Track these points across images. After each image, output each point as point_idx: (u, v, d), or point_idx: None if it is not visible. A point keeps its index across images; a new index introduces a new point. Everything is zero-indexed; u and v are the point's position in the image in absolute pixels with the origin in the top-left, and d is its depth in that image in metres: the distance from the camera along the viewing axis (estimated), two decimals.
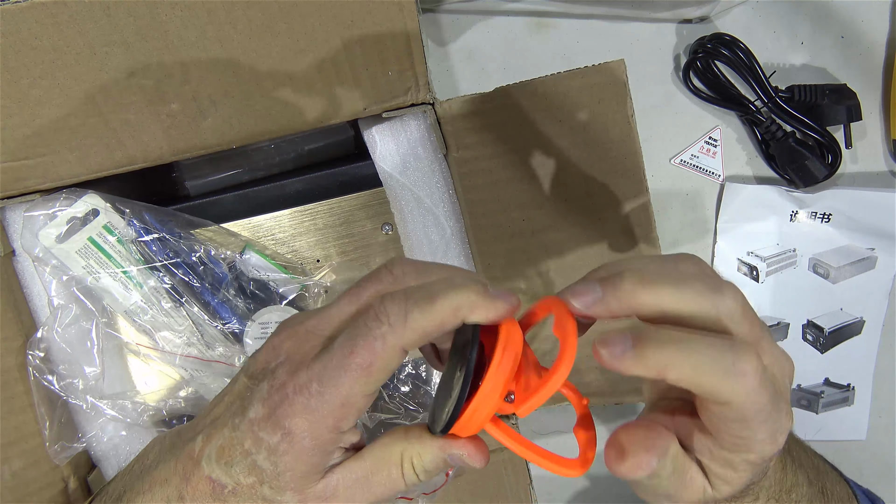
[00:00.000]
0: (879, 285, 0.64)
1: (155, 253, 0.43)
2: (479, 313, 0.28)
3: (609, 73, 0.42)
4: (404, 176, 0.44)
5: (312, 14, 0.39)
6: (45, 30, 0.37)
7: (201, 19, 0.38)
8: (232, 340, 0.45)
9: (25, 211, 0.43)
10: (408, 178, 0.44)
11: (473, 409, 0.28)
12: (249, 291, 0.45)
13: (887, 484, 0.69)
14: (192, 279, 0.44)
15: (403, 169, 0.44)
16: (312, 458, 0.29)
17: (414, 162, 0.44)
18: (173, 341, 0.44)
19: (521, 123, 0.42)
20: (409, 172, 0.44)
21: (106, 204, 0.43)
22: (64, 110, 0.40)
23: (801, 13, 0.60)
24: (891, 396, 0.67)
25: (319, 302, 0.47)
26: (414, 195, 0.44)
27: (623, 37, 0.60)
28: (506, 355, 0.28)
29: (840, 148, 0.59)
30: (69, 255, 0.43)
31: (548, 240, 0.44)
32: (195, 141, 0.41)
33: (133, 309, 0.44)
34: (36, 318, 0.44)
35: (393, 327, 0.28)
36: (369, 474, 0.31)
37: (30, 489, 0.44)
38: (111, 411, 0.43)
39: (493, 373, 0.28)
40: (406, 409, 0.47)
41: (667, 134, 0.61)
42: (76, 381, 0.43)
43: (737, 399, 0.28)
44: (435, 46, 0.60)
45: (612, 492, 0.70)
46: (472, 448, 0.30)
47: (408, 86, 0.41)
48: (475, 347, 0.28)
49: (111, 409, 0.43)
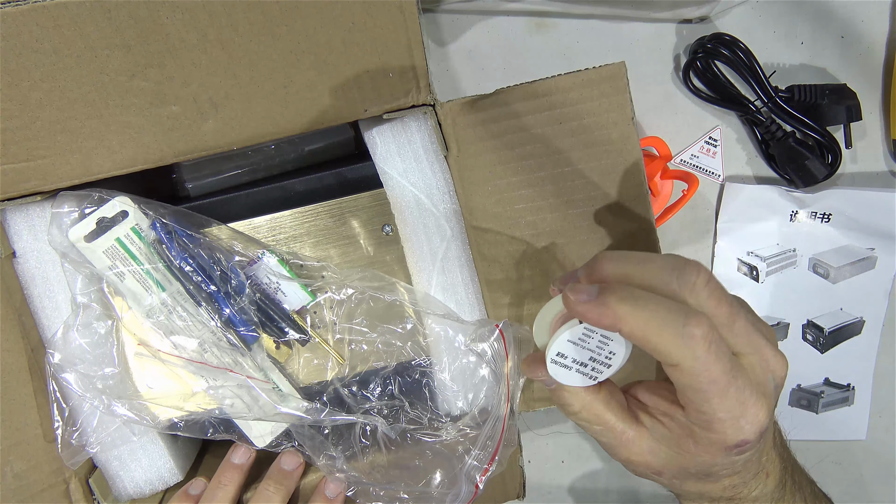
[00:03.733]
0: (879, 285, 0.64)
1: (175, 256, 0.43)
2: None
3: (609, 75, 0.42)
4: (405, 177, 0.44)
5: (313, 16, 0.39)
6: (46, 32, 0.37)
7: (202, 22, 0.38)
8: (245, 349, 0.45)
9: (53, 207, 0.43)
10: (408, 179, 0.44)
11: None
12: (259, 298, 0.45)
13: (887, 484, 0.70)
14: (209, 285, 0.44)
15: (404, 170, 0.44)
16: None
17: (415, 163, 0.44)
18: (190, 346, 0.44)
19: (522, 125, 0.42)
20: (409, 173, 0.44)
21: (135, 206, 0.43)
22: (65, 112, 0.40)
23: (801, 13, 0.60)
24: (891, 396, 0.67)
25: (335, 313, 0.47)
26: (414, 196, 0.44)
27: (623, 37, 0.60)
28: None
29: (840, 148, 0.59)
30: (96, 254, 0.43)
31: (548, 241, 0.44)
32: (196, 142, 0.42)
33: (153, 311, 0.44)
34: (37, 319, 0.44)
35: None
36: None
37: (32, 490, 0.44)
38: (128, 413, 0.43)
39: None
40: (428, 419, 0.47)
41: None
42: (95, 381, 0.43)
43: (685, 363, 0.29)
44: (435, 46, 0.60)
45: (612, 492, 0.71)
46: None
47: (408, 87, 0.42)
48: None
49: (128, 411, 0.43)
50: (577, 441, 0.69)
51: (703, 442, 0.32)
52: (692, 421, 0.32)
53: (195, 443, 0.53)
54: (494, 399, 0.44)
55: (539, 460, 0.69)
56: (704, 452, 0.32)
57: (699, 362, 0.29)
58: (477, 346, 0.45)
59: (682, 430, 0.33)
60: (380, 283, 0.46)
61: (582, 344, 0.33)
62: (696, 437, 0.32)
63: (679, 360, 0.29)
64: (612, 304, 0.30)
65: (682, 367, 0.30)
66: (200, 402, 0.45)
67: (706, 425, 0.31)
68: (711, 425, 0.31)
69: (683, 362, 0.29)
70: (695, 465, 0.33)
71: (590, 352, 0.33)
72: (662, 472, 0.35)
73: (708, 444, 0.32)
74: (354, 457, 0.46)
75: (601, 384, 0.35)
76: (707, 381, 0.30)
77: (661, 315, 0.29)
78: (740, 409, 0.31)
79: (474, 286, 0.46)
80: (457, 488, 0.42)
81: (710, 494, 0.35)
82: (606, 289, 0.31)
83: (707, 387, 0.30)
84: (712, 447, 0.32)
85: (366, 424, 0.45)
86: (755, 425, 0.31)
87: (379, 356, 0.47)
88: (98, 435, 0.45)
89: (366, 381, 0.48)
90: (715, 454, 0.32)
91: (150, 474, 0.47)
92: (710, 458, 0.32)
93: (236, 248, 0.46)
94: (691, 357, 0.29)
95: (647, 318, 0.29)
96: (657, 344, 0.29)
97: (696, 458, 0.33)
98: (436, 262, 0.45)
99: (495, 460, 0.42)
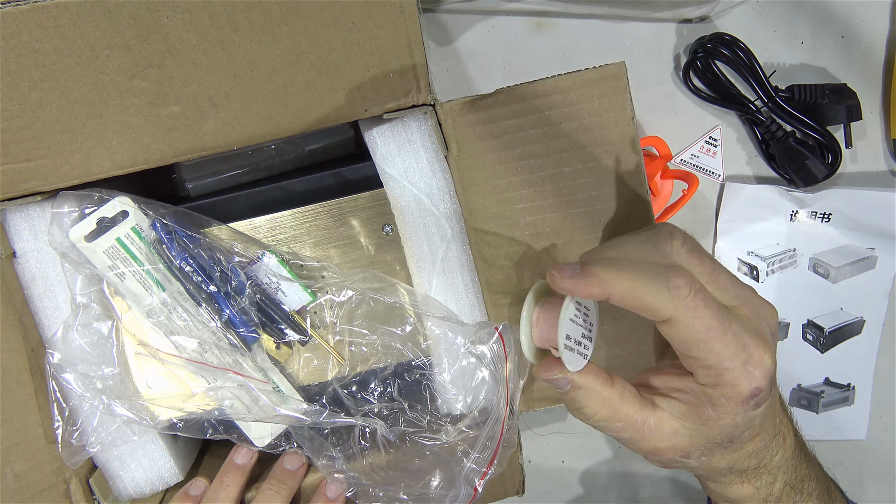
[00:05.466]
0: (879, 285, 0.64)
1: (175, 256, 0.43)
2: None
3: (610, 75, 0.42)
4: (405, 177, 0.44)
5: (314, 16, 0.39)
6: (46, 33, 0.37)
7: (203, 22, 0.38)
8: (245, 350, 0.45)
9: (53, 207, 0.43)
10: (408, 180, 0.44)
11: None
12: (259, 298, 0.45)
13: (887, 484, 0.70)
14: (209, 285, 0.44)
15: (404, 170, 0.44)
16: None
17: (415, 163, 0.44)
18: (190, 346, 0.44)
19: (522, 125, 0.42)
20: (409, 173, 0.44)
21: (135, 205, 0.43)
22: (65, 112, 0.40)
23: (801, 13, 0.60)
24: (891, 396, 0.67)
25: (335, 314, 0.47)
26: (415, 196, 0.44)
27: (623, 37, 0.60)
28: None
29: (840, 147, 0.59)
30: (96, 254, 0.43)
31: (548, 241, 0.44)
32: (196, 143, 0.42)
33: (153, 311, 0.44)
34: (37, 319, 0.44)
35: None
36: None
37: (32, 490, 0.44)
38: (128, 413, 0.43)
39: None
40: (428, 421, 0.47)
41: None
42: (94, 381, 0.43)
43: (676, 313, 0.31)
44: (435, 46, 0.60)
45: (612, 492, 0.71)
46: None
47: (409, 87, 0.42)
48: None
49: (128, 411, 0.43)
50: (577, 441, 0.69)
51: (719, 402, 0.33)
52: (703, 382, 0.33)
53: (195, 443, 0.53)
54: (494, 401, 0.44)
55: (539, 460, 0.70)
56: (724, 414, 0.33)
57: (690, 310, 0.30)
58: (476, 348, 0.45)
59: (698, 399, 0.33)
60: (380, 285, 0.46)
61: (576, 320, 0.34)
62: (712, 399, 0.33)
63: (671, 312, 0.31)
64: (597, 273, 0.31)
65: (675, 318, 0.31)
66: (200, 403, 0.45)
67: (716, 379, 0.32)
68: (721, 378, 0.32)
69: (675, 313, 0.30)
70: (719, 433, 0.34)
71: (580, 327, 0.34)
72: (690, 451, 0.35)
73: (725, 403, 0.32)
74: (354, 458, 0.46)
75: (612, 378, 0.35)
76: (703, 328, 0.31)
77: (646, 275, 0.31)
78: (744, 355, 0.32)
79: (475, 287, 0.46)
80: (455, 489, 0.42)
81: (738, 465, 0.36)
82: (589, 261, 0.32)
83: (704, 334, 0.31)
84: (730, 405, 0.32)
85: (365, 427, 0.45)
86: (762, 369, 0.32)
87: (379, 358, 0.47)
88: (98, 435, 0.45)
89: (365, 383, 0.48)
90: (734, 412, 0.33)
91: (151, 474, 0.47)
92: (730, 420, 0.33)
93: (236, 249, 0.46)
94: (682, 307, 0.30)
95: (634, 280, 0.31)
96: (647, 302, 0.31)
97: (718, 424, 0.33)
98: (436, 263, 0.45)
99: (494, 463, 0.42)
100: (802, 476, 0.38)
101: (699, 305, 0.30)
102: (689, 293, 0.30)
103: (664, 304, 0.30)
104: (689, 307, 0.30)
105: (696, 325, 0.31)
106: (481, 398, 0.46)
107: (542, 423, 0.68)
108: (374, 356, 0.47)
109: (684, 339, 0.31)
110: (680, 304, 0.30)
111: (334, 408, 0.47)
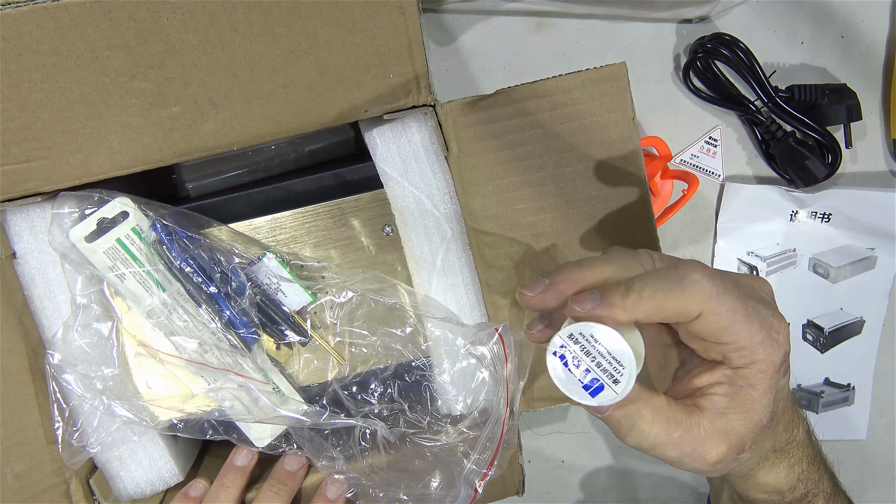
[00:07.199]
0: (879, 285, 0.64)
1: (175, 257, 0.43)
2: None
3: (610, 75, 0.42)
4: (405, 177, 0.44)
5: (314, 17, 0.39)
6: (46, 34, 0.37)
7: (203, 22, 0.38)
8: (245, 350, 0.45)
9: (53, 208, 0.43)
10: (409, 180, 0.44)
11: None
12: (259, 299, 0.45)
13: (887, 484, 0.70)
14: (209, 286, 0.44)
15: (404, 170, 0.44)
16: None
17: (415, 163, 0.44)
18: (190, 347, 0.44)
19: (522, 125, 0.42)
20: (410, 174, 0.44)
21: (135, 206, 0.43)
22: (65, 113, 0.40)
23: (801, 13, 0.60)
24: (891, 396, 0.67)
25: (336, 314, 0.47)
26: (415, 197, 0.44)
27: (623, 37, 0.60)
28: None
29: (840, 148, 0.59)
30: (96, 254, 0.43)
31: (548, 241, 0.44)
32: (196, 143, 0.42)
33: (154, 312, 0.44)
34: (38, 320, 0.44)
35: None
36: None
37: (32, 491, 0.44)
38: (128, 413, 0.43)
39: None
40: (428, 422, 0.47)
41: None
42: (95, 382, 0.43)
43: (704, 305, 0.31)
44: (435, 46, 0.60)
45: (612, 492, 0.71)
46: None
47: (409, 88, 0.42)
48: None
49: (128, 412, 0.43)
50: (577, 441, 0.69)
51: (757, 380, 0.32)
52: (738, 365, 0.32)
53: (195, 443, 0.53)
54: (494, 402, 0.44)
55: (539, 460, 0.70)
56: (764, 392, 0.32)
57: (714, 300, 0.30)
58: (476, 349, 0.45)
59: (736, 385, 0.33)
60: (380, 285, 0.46)
61: (571, 362, 0.31)
62: (750, 379, 0.32)
63: (699, 307, 0.30)
64: (617, 302, 0.31)
65: (704, 312, 0.30)
66: (200, 404, 0.45)
67: (751, 357, 0.32)
68: (755, 354, 0.32)
69: (703, 306, 0.30)
70: (762, 413, 0.33)
71: (583, 362, 0.31)
72: (743, 444, 0.33)
73: (762, 379, 0.32)
74: (354, 459, 0.46)
75: (653, 392, 0.33)
76: (729, 312, 0.31)
77: (659, 285, 0.31)
78: (767, 327, 0.32)
79: (475, 287, 0.46)
80: (455, 490, 0.42)
81: (778, 443, 0.36)
82: (606, 290, 0.31)
83: (732, 317, 0.31)
84: (766, 379, 0.32)
85: (365, 428, 0.45)
86: (784, 334, 0.33)
87: (379, 359, 0.47)
88: (98, 435, 0.45)
89: (366, 384, 0.48)
90: (771, 386, 0.32)
91: (151, 474, 0.47)
92: (770, 395, 0.33)
93: (237, 249, 0.46)
94: (707, 299, 0.30)
95: (652, 294, 0.30)
96: (675, 307, 0.30)
97: (760, 405, 0.33)
98: (436, 263, 0.45)
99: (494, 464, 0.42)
100: (815, 453, 0.39)
101: (720, 291, 0.30)
102: (708, 283, 0.30)
103: (690, 303, 0.30)
104: (714, 296, 0.30)
105: (723, 311, 0.31)
106: (481, 399, 0.46)
107: (542, 423, 0.68)
108: (375, 357, 0.47)
109: (714, 328, 0.31)
110: (705, 297, 0.30)
111: (334, 409, 0.47)
